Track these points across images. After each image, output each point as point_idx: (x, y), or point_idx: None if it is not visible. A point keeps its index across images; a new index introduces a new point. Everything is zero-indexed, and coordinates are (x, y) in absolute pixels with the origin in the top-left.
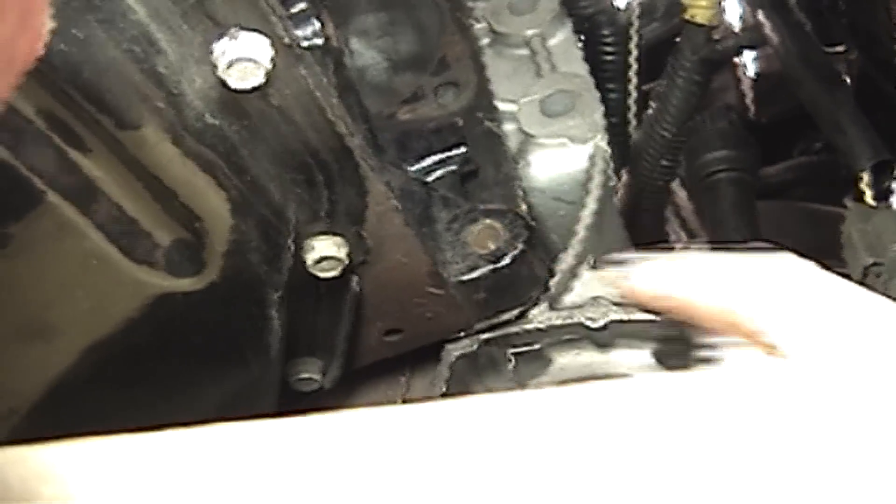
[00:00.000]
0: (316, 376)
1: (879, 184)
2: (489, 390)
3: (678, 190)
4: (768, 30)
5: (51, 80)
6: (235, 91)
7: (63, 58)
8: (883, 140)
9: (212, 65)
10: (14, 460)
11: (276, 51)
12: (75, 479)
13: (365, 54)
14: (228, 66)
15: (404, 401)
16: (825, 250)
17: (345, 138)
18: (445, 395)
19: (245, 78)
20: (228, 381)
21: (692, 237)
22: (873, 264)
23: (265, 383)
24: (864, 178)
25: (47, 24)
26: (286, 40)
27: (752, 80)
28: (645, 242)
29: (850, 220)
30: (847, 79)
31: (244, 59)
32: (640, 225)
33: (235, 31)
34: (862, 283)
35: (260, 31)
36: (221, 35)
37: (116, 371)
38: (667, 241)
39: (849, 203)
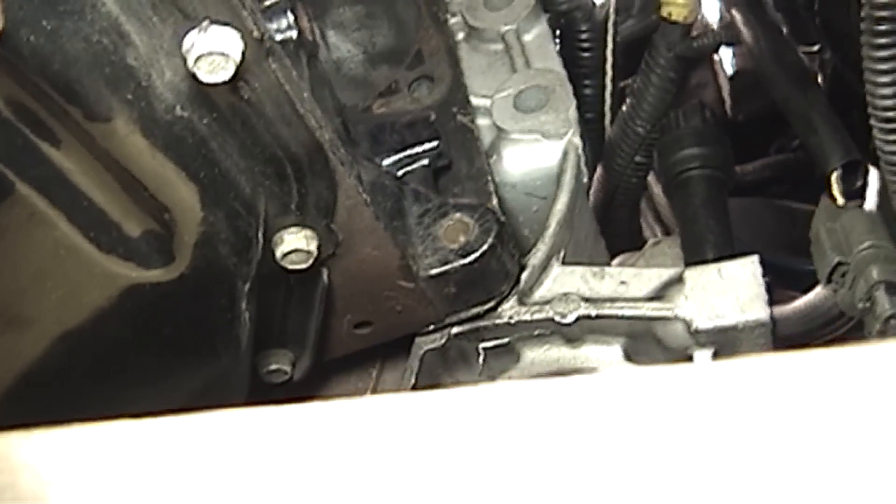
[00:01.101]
0: (286, 368)
1: (849, 183)
2: (459, 384)
3: (654, 186)
4: (742, 28)
5: (20, 72)
6: (205, 84)
7: (32, 49)
8: (855, 140)
9: (182, 57)
10: None
11: (246, 44)
12: (46, 467)
13: (341, 47)
14: (198, 58)
15: (374, 393)
16: (801, 248)
17: (315, 132)
18: (415, 388)
19: (215, 71)
20: (199, 371)
21: (668, 233)
22: (840, 263)
23: (235, 374)
24: (835, 177)
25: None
26: (256, 34)
27: (730, 77)
28: (619, 238)
29: (819, 219)
30: (820, 78)
31: (214, 52)
32: (614, 220)
33: (205, 23)
34: (828, 282)
35: (230, 25)
36: (192, 28)
37: (87, 361)
38: (640, 237)
39: (824, 201)
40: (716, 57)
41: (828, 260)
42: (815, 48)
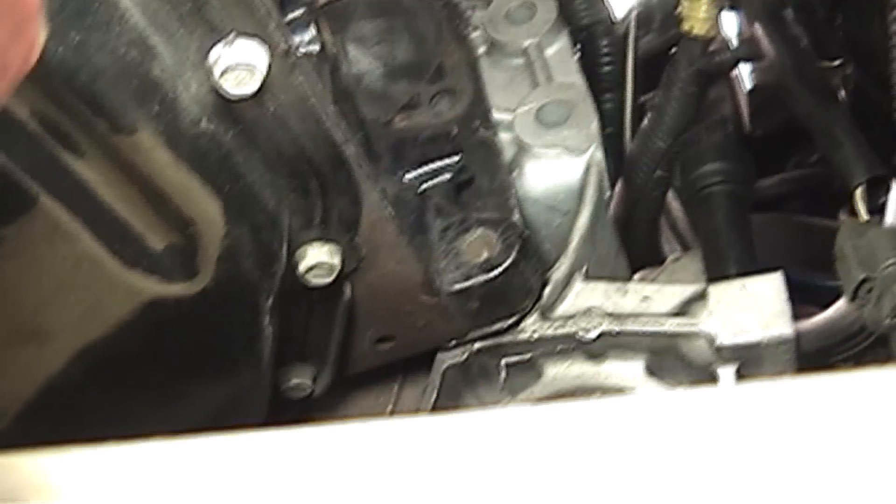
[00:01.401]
0: (307, 383)
1: (873, 199)
2: (480, 399)
3: (673, 201)
4: (764, 43)
5: (46, 84)
6: (231, 97)
7: (59, 61)
8: (878, 155)
9: (208, 70)
10: (4, 468)
11: (271, 57)
12: (66, 487)
13: (362, 61)
14: (224, 71)
15: (395, 408)
16: (820, 264)
17: (340, 146)
18: (437, 404)
19: (241, 84)
20: (220, 386)
21: (686, 248)
22: (865, 279)
23: (257, 389)
24: (859, 192)
25: (41, 34)
26: (282, 47)
27: (748, 92)
28: (639, 254)
29: (844, 235)
30: (843, 93)
31: (240, 65)
32: (635, 236)
33: (232, 36)
34: (854, 299)
35: (256, 38)
36: (218, 41)
37: (108, 375)
38: (661, 253)
39: (843, 216)
40: (734, 72)
41: (853, 276)
42: (837, 63)
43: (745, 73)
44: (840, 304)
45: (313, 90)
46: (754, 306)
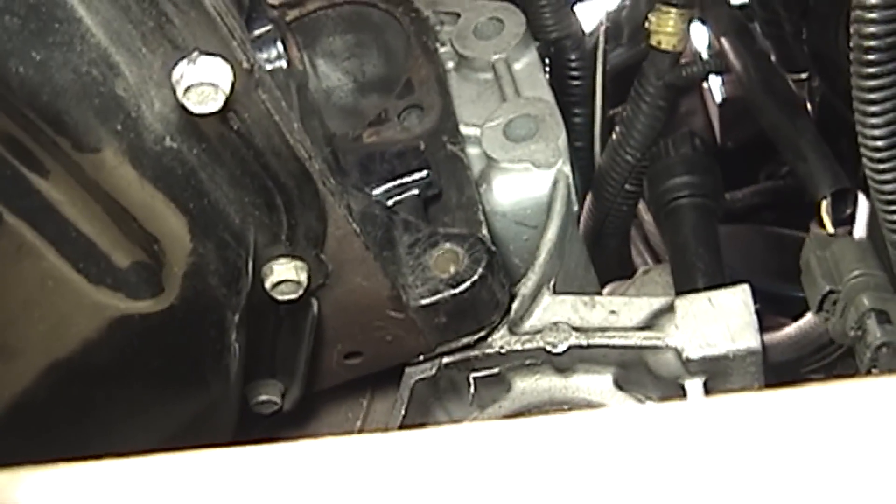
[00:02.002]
0: (276, 399)
1: (839, 211)
2: (449, 414)
3: (644, 214)
4: (731, 57)
5: (9, 103)
6: (195, 115)
7: (21, 80)
8: (844, 168)
9: (171, 88)
10: None
11: (235, 74)
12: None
13: (331, 76)
14: (188, 89)
15: (364, 423)
16: (790, 274)
17: (304, 162)
18: (405, 418)
19: (204, 101)
20: (188, 402)
21: (658, 261)
22: (830, 292)
23: (225, 405)
24: (824, 205)
25: None
26: (246, 64)
27: (719, 105)
28: (609, 267)
29: (809, 247)
30: (809, 106)
31: (203, 82)
32: (605, 249)
33: (195, 54)
34: (819, 311)
35: (219, 55)
36: (181, 58)
37: (75, 391)
38: (631, 266)
39: (814, 228)
40: (705, 85)
41: (818, 288)
42: (804, 76)
43: (716, 87)
44: (810, 316)
45: (277, 107)
46: (721, 319)
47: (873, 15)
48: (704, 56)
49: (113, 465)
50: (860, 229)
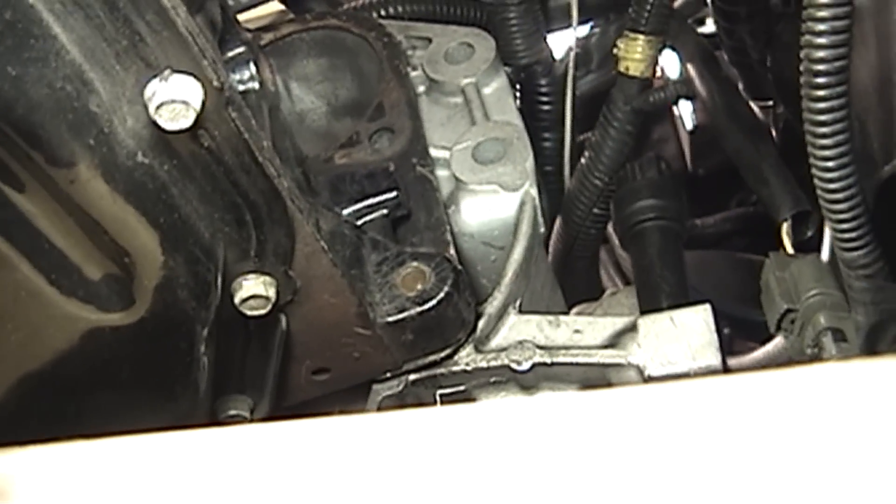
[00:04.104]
0: (245, 413)
1: (799, 233)
2: None
3: (614, 237)
4: (697, 82)
5: None
6: (166, 131)
7: None
8: (806, 192)
9: (144, 105)
10: None
11: (206, 93)
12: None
13: (305, 99)
14: (160, 106)
15: None
16: (760, 300)
17: (273, 180)
18: None
19: (176, 119)
20: (157, 415)
21: (628, 283)
22: (788, 311)
23: (193, 419)
24: (784, 227)
25: None
26: (216, 83)
27: (690, 132)
28: (578, 288)
29: (769, 268)
30: (774, 132)
31: (175, 100)
32: (574, 271)
33: (167, 72)
34: (778, 329)
35: (191, 74)
36: (153, 76)
37: (46, 403)
38: (600, 288)
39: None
40: (676, 112)
41: (777, 307)
42: (769, 103)
43: (687, 114)
44: (778, 340)
45: (247, 125)
46: (683, 338)
47: (822, 40)
48: (672, 82)
49: (107, 443)
50: (824, 251)
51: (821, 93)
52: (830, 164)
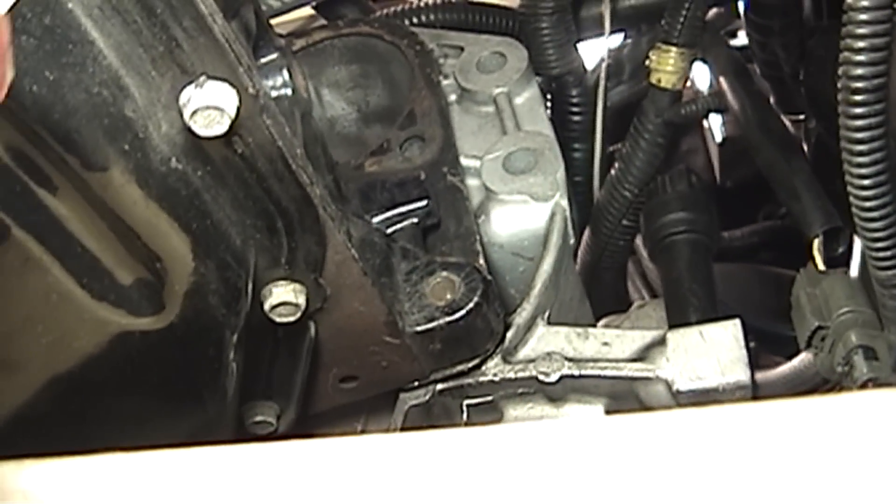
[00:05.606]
0: (271, 420)
1: (830, 249)
2: None
3: (642, 249)
4: (730, 96)
5: (20, 120)
6: (200, 137)
7: (34, 98)
8: (838, 208)
9: (179, 111)
10: None
11: (241, 100)
12: (38, 496)
13: (336, 105)
14: (194, 112)
15: None
16: (788, 314)
17: (306, 188)
18: None
19: (210, 125)
20: (184, 420)
21: (655, 296)
22: (819, 328)
23: (221, 424)
24: (816, 243)
25: (9, 73)
26: (251, 90)
27: (719, 144)
28: (605, 300)
29: (800, 284)
30: (805, 146)
31: (210, 106)
32: (602, 283)
33: (202, 79)
34: (808, 346)
35: (226, 81)
36: (189, 83)
37: (74, 406)
38: (627, 300)
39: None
40: (705, 124)
41: (808, 324)
42: (801, 117)
43: (716, 126)
44: (804, 355)
45: (281, 132)
46: (712, 353)
47: (860, 57)
48: (704, 95)
49: (117, 458)
50: (854, 268)
51: (858, 110)
52: (867, 181)
